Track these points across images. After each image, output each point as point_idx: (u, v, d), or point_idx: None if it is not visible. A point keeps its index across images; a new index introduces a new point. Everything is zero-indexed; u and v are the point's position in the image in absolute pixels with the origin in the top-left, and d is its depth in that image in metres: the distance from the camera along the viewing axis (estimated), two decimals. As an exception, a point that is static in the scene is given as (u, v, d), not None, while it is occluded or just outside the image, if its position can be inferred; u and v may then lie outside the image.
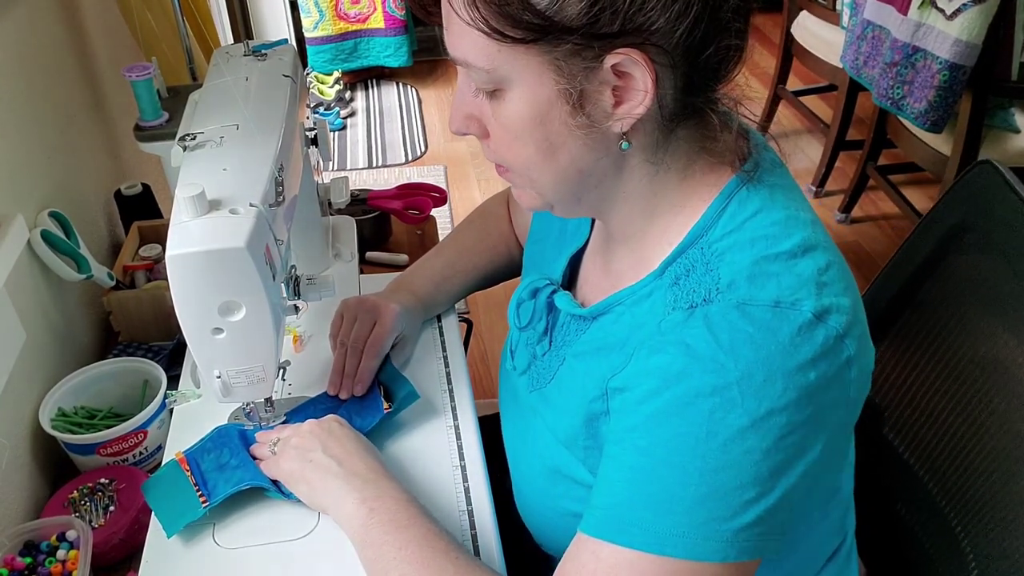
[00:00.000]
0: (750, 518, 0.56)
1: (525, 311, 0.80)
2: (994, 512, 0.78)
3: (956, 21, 1.85)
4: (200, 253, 0.67)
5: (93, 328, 1.16)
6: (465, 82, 0.64)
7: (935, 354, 0.87)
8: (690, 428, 0.57)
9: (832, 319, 0.58)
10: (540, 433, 0.76)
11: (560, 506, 0.74)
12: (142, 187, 1.27)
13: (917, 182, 2.77)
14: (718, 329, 0.57)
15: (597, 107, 0.59)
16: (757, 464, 0.56)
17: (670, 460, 0.57)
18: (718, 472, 0.56)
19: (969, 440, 0.81)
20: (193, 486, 0.80)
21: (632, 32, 0.55)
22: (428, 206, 1.35)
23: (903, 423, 0.91)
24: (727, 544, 0.56)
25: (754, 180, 0.64)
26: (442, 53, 1.79)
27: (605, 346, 0.69)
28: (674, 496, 0.57)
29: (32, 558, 0.78)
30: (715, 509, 0.56)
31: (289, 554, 0.77)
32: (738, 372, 0.56)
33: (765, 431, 0.56)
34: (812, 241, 0.61)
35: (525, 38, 0.56)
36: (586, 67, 0.57)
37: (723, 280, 0.60)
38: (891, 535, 0.93)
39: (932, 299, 0.88)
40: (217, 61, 0.94)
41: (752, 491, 0.56)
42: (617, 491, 0.60)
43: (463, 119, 0.65)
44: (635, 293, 0.67)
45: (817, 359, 0.57)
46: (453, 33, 0.60)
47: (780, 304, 0.57)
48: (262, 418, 0.88)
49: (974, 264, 0.83)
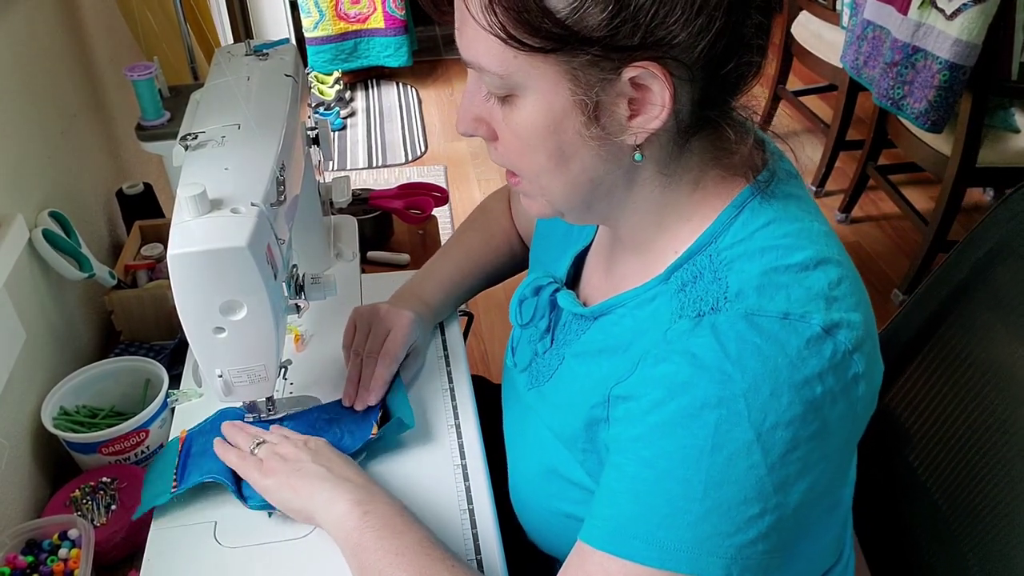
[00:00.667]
0: (753, 534, 0.56)
1: (527, 308, 0.80)
2: (1008, 540, 0.76)
3: (956, 21, 1.85)
4: (202, 252, 0.67)
5: (94, 327, 1.16)
6: (475, 84, 0.63)
7: (961, 377, 0.85)
8: (695, 440, 0.56)
9: (841, 334, 0.57)
10: (538, 431, 0.76)
11: (553, 506, 0.74)
12: (144, 186, 1.27)
13: (917, 182, 2.78)
14: (725, 339, 0.56)
15: (612, 119, 0.58)
16: (761, 479, 0.55)
17: (674, 473, 0.56)
18: (722, 486, 0.55)
19: (993, 468, 0.79)
20: (173, 471, 0.82)
21: (652, 45, 0.54)
22: (429, 206, 1.35)
23: (927, 448, 0.89)
24: (730, 561, 0.55)
25: (768, 191, 0.63)
26: (442, 53, 1.77)
27: (605, 348, 0.68)
28: (678, 509, 0.56)
29: (34, 557, 0.78)
30: (719, 524, 0.55)
31: (290, 553, 0.77)
32: (745, 384, 0.55)
33: (770, 445, 0.55)
34: (825, 254, 0.60)
35: (543, 47, 0.55)
36: (603, 78, 0.56)
37: (731, 289, 0.59)
38: (902, 555, 0.92)
39: (964, 323, 0.86)
40: (219, 61, 0.94)
41: (756, 507, 0.55)
42: (621, 502, 0.59)
43: (471, 121, 0.64)
44: (638, 296, 0.66)
45: (824, 373, 0.56)
46: (467, 36, 0.59)
47: (789, 316, 0.56)
48: (263, 418, 0.88)
49: (1011, 288, 0.81)
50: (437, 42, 4.20)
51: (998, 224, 0.83)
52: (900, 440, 0.92)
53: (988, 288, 0.84)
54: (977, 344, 0.84)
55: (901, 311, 0.95)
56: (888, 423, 0.94)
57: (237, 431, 0.84)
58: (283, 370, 0.83)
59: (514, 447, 0.84)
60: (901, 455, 0.92)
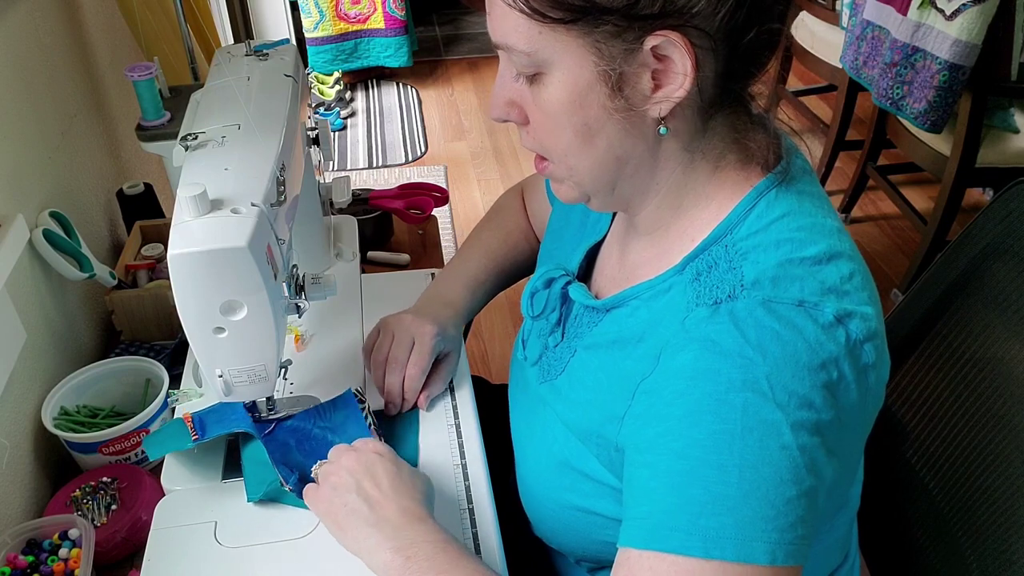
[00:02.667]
0: (793, 517, 0.55)
1: (539, 300, 0.80)
2: (1006, 538, 0.77)
3: (956, 21, 1.85)
4: (202, 253, 0.68)
5: (95, 327, 1.16)
6: (506, 67, 0.64)
7: (958, 374, 0.86)
8: (725, 425, 0.56)
9: (853, 324, 0.58)
10: (550, 425, 0.76)
11: (565, 499, 0.74)
12: (144, 187, 1.27)
13: (917, 182, 2.78)
14: (744, 325, 0.57)
15: (636, 90, 0.59)
16: (795, 459, 0.55)
17: (708, 460, 0.56)
18: (758, 468, 0.55)
19: (991, 464, 0.80)
20: (190, 429, 0.83)
21: (673, 14, 0.55)
22: (430, 206, 1.35)
23: (924, 444, 0.89)
24: (774, 545, 0.55)
25: (784, 183, 0.64)
26: (442, 53, 1.76)
27: (619, 339, 0.68)
28: (717, 496, 0.56)
29: (34, 556, 0.78)
30: (759, 507, 0.55)
31: (290, 553, 0.77)
32: (767, 367, 0.56)
33: (798, 426, 0.55)
34: (837, 249, 0.61)
35: (565, 18, 0.56)
36: (626, 49, 0.57)
37: (747, 278, 0.59)
38: (899, 550, 0.92)
39: (960, 320, 0.87)
40: (219, 61, 0.94)
41: (792, 488, 0.55)
42: (658, 498, 0.58)
43: (504, 105, 0.65)
44: (653, 288, 0.67)
45: (840, 359, 0.57)
46: (496, 16, 0.61)
47: (804, 304, 0.57)
48: (262, 418, 0.88)
49: (1006, 284, 0.82)
50: (437, 42, 4.20)
51: (993, 221, 0.84)
52: (897, 436, 0.93)
53: (984, 285, 0.84)
54: (973, 340, 0.84)
55: (897, 307, 0.95)
56: (885, 419, 0.94)
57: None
58: (283, 370, 0.83)
59: (523, 440, 0.83)
60: (898, 451, 0.92)
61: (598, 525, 0.73)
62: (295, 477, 0.81)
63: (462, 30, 4.34)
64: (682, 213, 0.67)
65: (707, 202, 0.65)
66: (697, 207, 0.66)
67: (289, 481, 0.80)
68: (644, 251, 0.71)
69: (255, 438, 0.84)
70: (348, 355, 0.98)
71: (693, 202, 0.66)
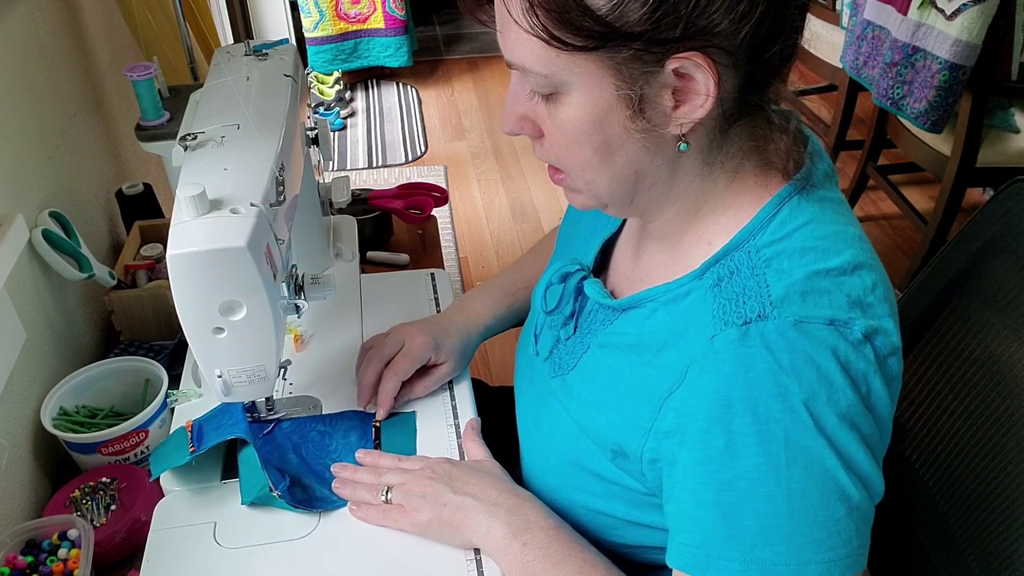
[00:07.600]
0: (846, 533, 0.56)
1: (553, 295, 0.79)
2: (1006, 535, 0.77)
3: (956, 21, 1.85)
4: (201, 253, 0.67)
5: (94, 327, 1.16)
6: (519, 83, 0.63)
7: (956, 372, 0.86)
8: (769, 458, 0.56)
9: (879, 339, 0.58)
10: (560, 422, 0.75)
11: (572, 497, 0.74)
12: (143, 187, 1.27)
13: (917, 182, 2.78)
14: (777, 349, 0.57)
15: (657, 110, 0.58)
16: (840, 480, 0.56)
17: (756, 492, 0.57)
18: (806, 494, 0.56)
19: (990, 462, 0.80)
20: (188, 441, 0.83)
21: (695, 35, 0.54)
22: (429, 206, 1.35)
23: (923, 442, 0.89)
24: (829, 564, 0.56)
25: (807, 190, 0.64)
26: (442, 53, 1.76)
27: (637, 343, 0.68)
28: (768, 526, 0.57)
29: (34, 557, 0.78)
30: (811, 531, 0.56)
31: (290, 554, 0.77)
32: (803, 394, 0.56)
33: (840, 446, 0.56)
34: (860, 259, 0.61)
35: (586, 46, 0.55)
36: (647, 71, 0.56)
37: (775, 294, 0.59)
38: (899, 548, 0.92)
39: (959, 318, 0.87)
40: (218, 61, 0.94)
41: (842, 507, 0.56)
42: (708, 527, 0.59)
43: (516, 120, 0.64)
44: (670, 291, 0.66)
45: (869, 375, 0.58)
46: (510, 38, 0.59)
47: (835, 322, 0.57)
48: (261, 418, 0.88)
49: (1004, 282, 0.82)
50: (437, 42, 4.20)
51: (991, 220, 0.84)
52: (896, 434, 0.93)
53: (982, 283, 0.84)
54: (972, 338, 0.84)
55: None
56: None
57: (353, 470, 0.83)
58: (283, 370, 0.83)
59: (531, 436, 0.83)
60: (897, 449, 0.92)
61: (609, 526, 0.73)
62: (286, 483, 0.81)
63: (462, 30, 4.33)
64: (698, 220, 0.66)
65: (724, 209, 0.65)
66: (714, 214, 0.65)
67: (279, 487, 0.80)
68: (659, 254, 0.71)
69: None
70: (347, 355, 0.98)
71: (710, 209, 0.65)
